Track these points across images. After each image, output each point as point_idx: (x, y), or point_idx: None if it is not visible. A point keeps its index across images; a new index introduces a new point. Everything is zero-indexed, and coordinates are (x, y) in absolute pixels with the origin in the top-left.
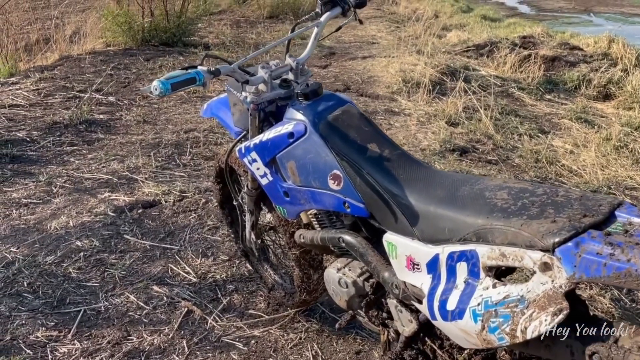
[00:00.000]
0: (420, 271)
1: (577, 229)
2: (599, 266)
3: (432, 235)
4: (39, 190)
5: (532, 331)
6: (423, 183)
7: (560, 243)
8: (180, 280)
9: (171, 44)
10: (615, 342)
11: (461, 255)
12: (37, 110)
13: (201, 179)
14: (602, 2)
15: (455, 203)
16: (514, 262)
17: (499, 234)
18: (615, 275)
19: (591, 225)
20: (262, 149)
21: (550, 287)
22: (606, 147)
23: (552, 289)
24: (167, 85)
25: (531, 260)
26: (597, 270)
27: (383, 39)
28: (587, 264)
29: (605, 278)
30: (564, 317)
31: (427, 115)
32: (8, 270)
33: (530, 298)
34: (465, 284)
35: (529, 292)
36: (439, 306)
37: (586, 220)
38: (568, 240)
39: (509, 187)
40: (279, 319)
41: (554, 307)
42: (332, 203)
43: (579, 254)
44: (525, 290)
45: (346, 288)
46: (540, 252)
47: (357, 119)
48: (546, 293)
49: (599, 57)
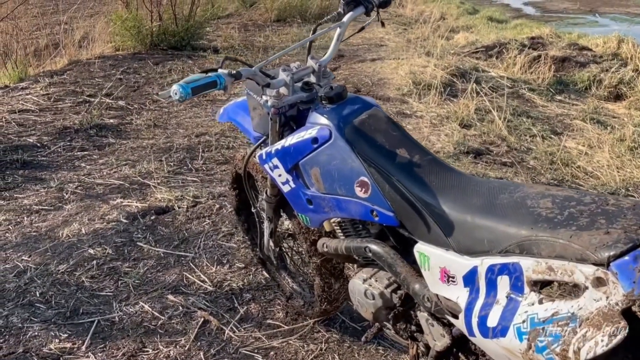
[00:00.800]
0: (455, 284)
1: (635, 241)
2: None
3: (470, 246)
4: (50, 197)
5: (587, 352)
6: (457, 190)
7: (616, 257)
8: (196, 289)
9: (180, 48)
10: None
11: (503, 268)
12: (47, 115)
13: (214, 183)
14: (607, 3)
15: (495, 212)
16: (563, 276)
17: (545, 246)
18: None
19: None
20: (285, 155)
21: (605, 304)
22: (620, 148)
23: (608, 307)
24: (187, 89)
25: (583, 274)
26: None
27: (391, 41)
28: None
29: None
30: (623, 338)
31: (439, 117)
32: (20, 280)
33: (582, 316)
34: (507, 299)
35: (580, 309)
36: (479, 322)
37: None
38: (625, 254)
39: (553, 195)
40: (299, 329)
41: (610, 327)
42: (359, 211)
43: (638, 269)
44: (576, 307)
45: (373, 300)
46: (593, 266)
47: (385, 123)
48: (601, 310)
49: (609, 58)
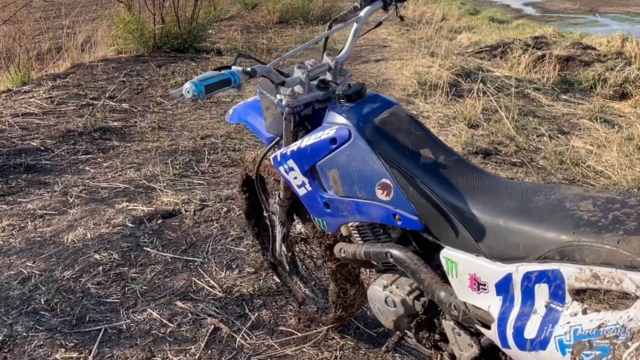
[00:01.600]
0: (487, 292)
1: None
2: None
3: (503, 252)
4: (55, 201)
5: None
6: (487, 193)
7: None
8: (205, 295)
9: (183, 50)
10: None
11: (541, 275)
12: (51, 119)
13: (221, 186)
14: (608, 2)
15: (531, 216)
16: (610, 284)
17: (589, 252)
18: None
19: None
20: (301, 157)
21: None
22: (628, 147)
23: None
24: (200, 88)
25: (633, 283)
26: None
27: (394, 42)
28: None
29: None
30: None
31: (446, 118)
32: (24, 287)
33: (634, 328)
34: (547, 309)
35: (630, 320)
36: (514, 333)
37: None
38: None
39: (593, 196)
40: (312, 336)
41: None
42: (381, 215)
43: None
44: (626, 319)
45: (394, 307)
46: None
47: (407, 122)
48: None
49: (613, 56)
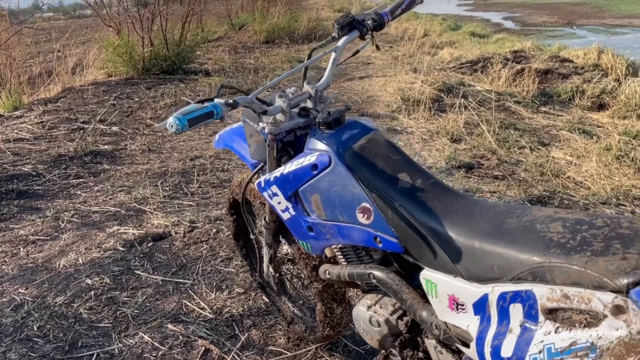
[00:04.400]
0: (465, 312)
1: None
2: None
3: (479, 273)
4: (47, 226)
5: None
6: (463, 215)
7: (636, 283)
8: (196, 316)
9: (172, 72)
10: None
11: (515, 295)
12: (42, 143)
13: (210, 207)
14: (584, 15)
15: (504, 237)
16: (580, 304)
17: (559, 272)
18: None
19: None
20: (284, 183)
21: (626, 333)
22: (607, 157)
23: (629, 336)
24: (184, 122)
25: (601, 302)
26: None
27: (378, 59)
28: None
29: None
30: None
31: (429, 133)
32: (17, 314)
33: (602, 346)
34: (521, 328)
35: (600, 338)
36: (492, 352)
37: None
38: None
39: (562, 218)
40: (301, 355)
41: (633, 357)
42: (362, 238)
43: None
44: (595, 337)
45: (378, 327)
46: (611, 293)
47: (385, 148)
48: (622, 340)
49: (590, 68)
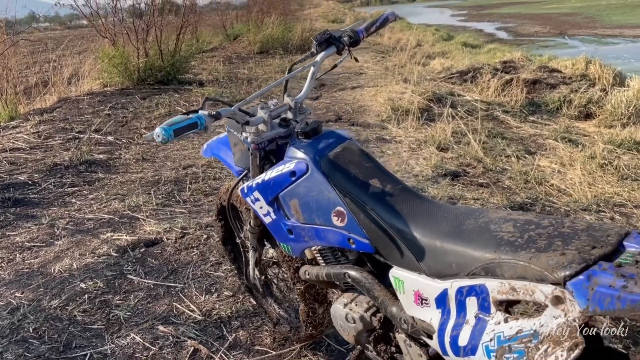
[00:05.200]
0: (429, 306)
1: (588, 261)
2: (613, 299)
3: (440, 270)
4: (42, 233)
5: None
6: (427, 217)
7: (572, 276)
8: (185, 318)
9: (166, 82)
10: None
11: (470, 290)
12: (38, 153)
13: (201, 214)
14: (576, 25)
15: (462, 237)
16: (525, 296)
17: (508, 268)
18: (630, 308)
19: (601, 257)
20: (265, 188)
21: (564, 320)
22: (591, 165)
23: (566, 323)
24: (169, 132)
25: (542, 294)
26: (611, 304)
27: (370, 69)
28: (600, 297)
29: (620, 311)
30: (580, 352)
31: (418, 142)
32: (13, 317)
33: (544, 333)
34: (476, 319)
35: (542, 326)
36: (451, 342)
37: (595, 251)
38: (579, 273)
39: (514, 219)
40: (286, 354)
41: (569, 342)
42: (337, 239)
43: (592, 287)
44: (538, 325)
45: (353, 323)
46: (551, 285)
47: (358, 156)
48: (560, 327)
49: (578, 79)
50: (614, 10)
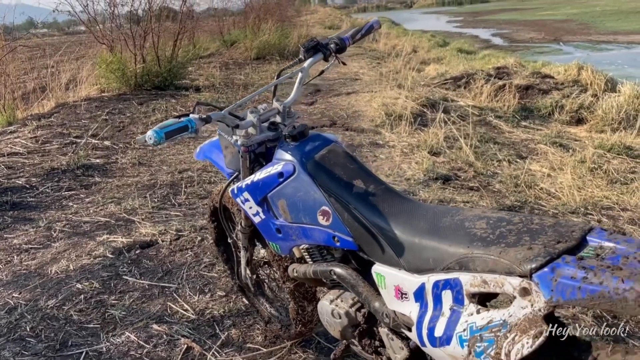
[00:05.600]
0: (408, 300)
1: (552, 254)
2: (574, 289)
3: (418, 265)
4: (39, 236)
5: (515, 354)
6: (407, 216)
7: (537, 269)
8: (179, 317)
9: (163, 88)
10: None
11: (446, 283)
12: (35, 157)
13: (196, 217)
14: (570, 31)
15: (438, 234)
16: (495, 288)
17: (479, 262)
18: (590, 298)
19: (565, 251)
20: (254, 189)
21: (530, 310)
22: (581, 169)
23: (532, 313)
24: (160, 134)
25: (511, 286)
26: (572, 294)
27: (365, 75)
28: (562, 287)
29: (580, 300)
30: (545, 339)
31: (410, 146)
32: (11, 316)
33: (512, 322)
34: (451, 311)
35: (510, 316)
36: (428, 333)
37: (560, 246)
38: (544, 266)
39: (487, 216)
40: (277, 351)
41: (534, 330)
42: (322, 238)
43: (555, 279)
44: (507, 315)
45: (339, 319)
46: (518, 278)
47: (343, 157)
48: (527, 317)
49: (570, 84)
50: (608, 16)
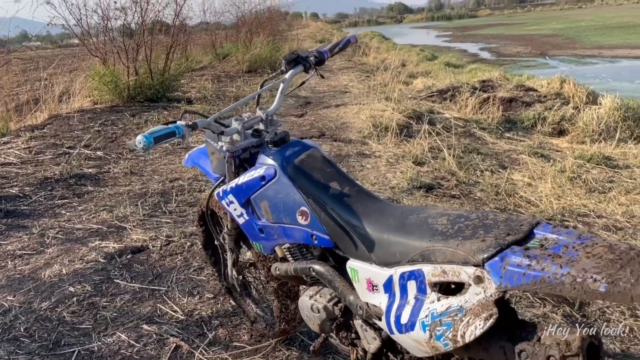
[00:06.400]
0: (378, 292)
1: (502, 245)
2: (520, 276)
3: (387, 259)
4: (33, 242)
5: (469, 335)
6: (377, 214)
7: (489, 258)
8: (169, 318)
9: (156, 100)
10: (538, 341)
11: (410, 274)
12: (29, 167)
13: (186, 224)
14: (556, 46)
15: (404, 230)
16: (453, 277)
17: (439, 254)
18: (533, 282)
19: (513, 242)
20: (238, 192)
21: (483, 296)
22: (561, 178)
23: (485, 298)
24: (149, 139)
25: (466, 274)
26: (518, 280)
27: (354, 88)
28: (510, 274)
29: (525, 285)
30: (494, 321)
31: (396, 157)
32: (5, 317)
33: (467, 307)
34: (415, 300)
35: (466, 302)
36: (395, 321)
37: (509, 238)
38: (494, 256)
39: (448, 214)
40: (262, 349)
41: (486, 313)
42: (302, 236)
43: (504, 267)
44: (463, 301)
45: (318, 313)
46: (473, 267)
47: (321, 162)
48: (480, 302)
49: (552, 97)
50: (593, 31)
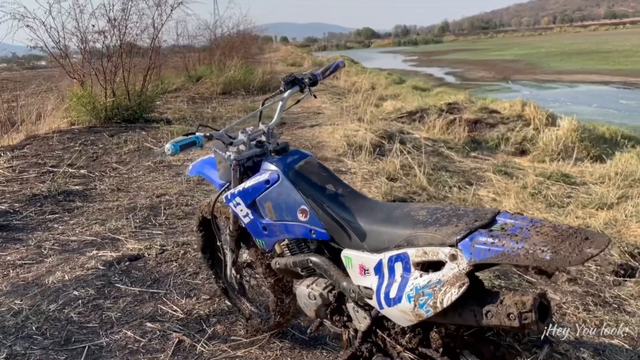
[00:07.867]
0: (370, 275)
1: (471, 229)
2: (485, 251)
3: (377, 246)
4: (31, 253)
5: (447, 301)
6: (367, 210)
7: (461, 239)
8: (170, 317)
9: (133, 121)
10: (500, 303)
11: (397, 257)
12: (15, 185)
13: (177, 234)
14: (518, 71)
15: (391, 221)
16: (433, 257)
17: (421, 238)
18: (495, 256)
19: (480, 226)
20: (245, 194)
21: (457, 270)
22: (523, 194)
23: (458, 271)
24: (176, 147)
25: (444, 254)
26: (484, 254)
27: (327, 110)
28: (478, 251)
29: (490, 259)
30: (466, 289)
31: (370, 173)
32: (17, 318)
33: (444, 280)
34: (401, 278)
35: (443, 276)
36: (384, 297)
37: (477, 223)
38: (465, 237)
39: (427, 207)
40: (257, 341)
41: (459, 282)
42: (301, 232)
43: (473, 245)
44: (441, 275)
45: (314, 300)
46: (449, 247)
47: (317, 168)
48: (454, 274)
49: (514, 119)
50: (552, 57)
